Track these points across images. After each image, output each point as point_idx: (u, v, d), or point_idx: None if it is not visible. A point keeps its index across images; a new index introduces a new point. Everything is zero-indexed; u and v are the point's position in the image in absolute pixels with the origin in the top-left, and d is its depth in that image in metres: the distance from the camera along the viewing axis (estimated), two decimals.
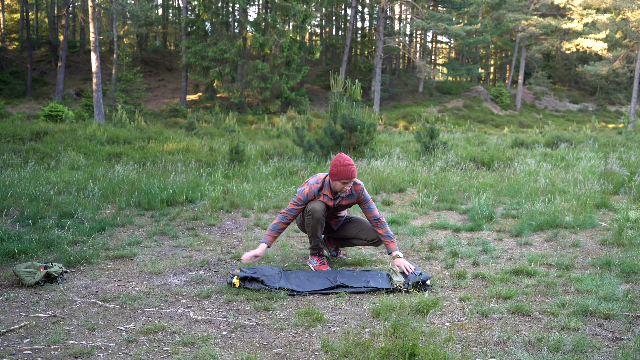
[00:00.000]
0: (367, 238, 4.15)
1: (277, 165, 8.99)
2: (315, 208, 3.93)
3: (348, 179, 3.82)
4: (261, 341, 2.81)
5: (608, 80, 42.47)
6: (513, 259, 4.33)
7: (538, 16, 36.37)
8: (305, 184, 4.04)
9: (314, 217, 3.94)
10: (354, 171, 3.82)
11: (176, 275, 3.87)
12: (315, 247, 4.06)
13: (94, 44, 19.41)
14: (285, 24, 29.32)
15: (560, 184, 7.38)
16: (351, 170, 3.80)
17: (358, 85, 10.15)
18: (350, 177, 3.81)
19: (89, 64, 32.65)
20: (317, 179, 4.01)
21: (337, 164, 3.84)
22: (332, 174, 3.87)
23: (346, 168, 3.80)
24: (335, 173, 3.84)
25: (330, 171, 3.89)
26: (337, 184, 3.88)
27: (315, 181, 4.01)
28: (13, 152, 9.57)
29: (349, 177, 3.82)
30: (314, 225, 3.97)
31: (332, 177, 3.88)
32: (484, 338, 2.85)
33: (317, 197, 3.98)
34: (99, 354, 2.62)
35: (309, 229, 4.03)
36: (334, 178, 3.86)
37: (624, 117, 20.31)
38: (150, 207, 6.04)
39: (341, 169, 3.81)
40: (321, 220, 3.96)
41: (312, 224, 3.97)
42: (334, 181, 3.89)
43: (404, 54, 42.35)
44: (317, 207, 3.93)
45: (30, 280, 3.51)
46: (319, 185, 3.97)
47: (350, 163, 3.82)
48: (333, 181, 3.90)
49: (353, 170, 3.81)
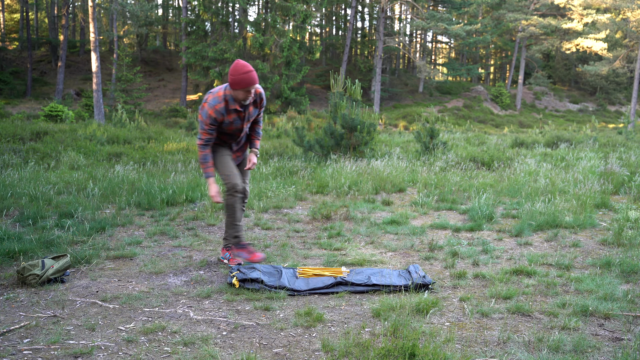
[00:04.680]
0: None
1: (277, 165, 8.99)
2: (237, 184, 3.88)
3: (251, 86, 3.68)
4: (261, 341, 2.81)
5: (608, 80, 42.46)
6: (513, 259, 4.33)
7: (538, 16, 36.36)
8: (205, 104, 3.78)
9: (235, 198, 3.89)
10: (255, 77, 3.67)
11: (176, 275, 3.87)
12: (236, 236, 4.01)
13: (94, 44, 19.42)
14: (285, 24, 29.31)
15: (560, 184, 7.38)
16: (252, 77, 3.65)
17: (358, 85, 10.15)
18: (252, 83, 3.67)
19: (89, 64, 32.63)
20: (217, 97, 3.77)
21: (236, 72, 3.66)
22: (233, 84, 3.68)
23: (247, 75, 3.65)
24: (237, 82, 3.66)
25: (230, 81, 3.69)
26: (239, 93, 3.71)
27: (216, 100, 3.76)
28: (13, 152, 9.57)
29: (251, 84, 3.67)
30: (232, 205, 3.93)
31: (233, 87, 3.70)
32: (484, 338, 2.85)
33: (227, 115, 3.80)
34: (99, 354, 2.62)
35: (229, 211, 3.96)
36: (236, 87, 3.69)
37: (624, 117, 20.30)
38: (150, 207, 6.04)
39: (242, 77, 3.64)
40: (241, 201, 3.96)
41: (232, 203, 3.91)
42: (236, 91, 3.71)
43: (404, 54, 42.35)
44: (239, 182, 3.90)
45: (39, 272, 3.51)
46: (223, 104, 3.77)
47: (250, 69, 3.67)
48: (235, 91, 3.72)
49: (254, 76, 3.66)
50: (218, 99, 3.76)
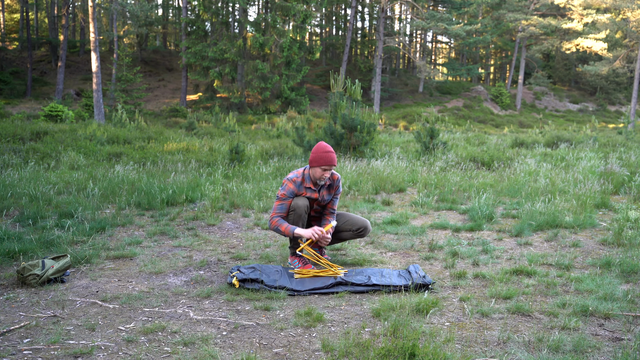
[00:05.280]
0: (353, 228, 4.16)
1: (277, 165, 8.99)
2: (298, 204, 3.93)
3: (328, 165, 3.89)
4: (261, 341, 2.81)
5: (608, 80, 42.46)
6: (513, 259, 4.33)
7: (538, 16, 36.36)
8: (286, 180, 4.02)
9: (296, 213, 3.93)
10: (335, 158, 3.91)
11: (176, 275, 3.87)
12: (296, 246, 4.04)
13: (94, 44, 19.42)
14: (285, 24, 29.32)
15: (560, 184, 7.38)
16: (332, 157, 3.89)
17: (358, 85, 10.15)
18: (330, 163, 3.88)
19: (89, 64, 32.64)
20: (297, 174, 4.02)
21: (318, 151, 3.91)
22: (312, 161, 3.91)
23: (327, 155, 3.88)
24: (316, 160, 3.90)
25: (310, 158, 3.93)
26: (317, 170, 3.92)
27: (295, 175, 4.00)
28: (13, 152, 9.57)
29: (329, 164, 3.89)
30: (295, 223, 3.97)
31: (312, 165, 3.92)
32: (484, 338, 2.85)
33: (300, 192, 3.98)
34: (99, 354, 2.62)
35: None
36: (314, 165, 3.90)
37: (624, 117, 20.31)
38: (150, 207, 6.04)
39: (322, 156, 3.88)
40: (303, 217, 3.96)
41: (294, 220, 3.96)
42: (314, 168, 3.92)
43: (404, 54, 42.35)
44: (300, 203, 3.93)
45: (39, 272, 3.51)
46: (300, 179, 3.99)
47: (331, 150, 3.91)
48: (313, 168, 3.93)
49: (333, 157, 3.90)
50: (297, 174, 4.02)
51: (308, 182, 3.99)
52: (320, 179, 3.94)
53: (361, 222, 4.17)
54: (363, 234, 4.20)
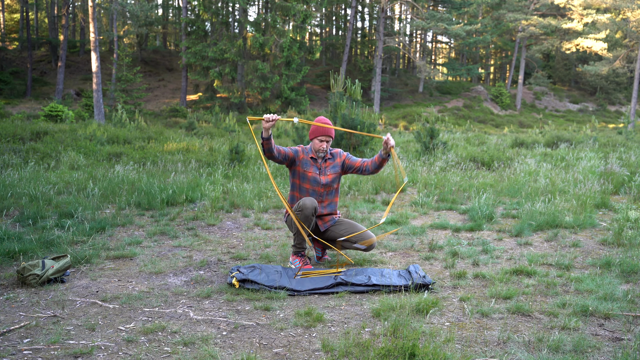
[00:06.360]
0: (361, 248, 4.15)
1: (277, 165, 8.99)
2: (306, 205, 3.96)
3: (325, 135, 4.13)
4: (261, 341, 2.81)
5: (608, 80, 42.44)
6: (513, 259, 4.33)
7: (538, 16, 36.36)
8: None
9: (304, 213, 3.95)
10: (332, 130, 4.15)
11: (176, 275, 3.87)
12: (299, 244, 4.07)
13: (94, 44, 19.41)
14: (285, 24, 29.30)
15: (560, 184, 7.38)
16: (328, 128, 4.13)
17: (358, 85, 10.15)
18: (326, 133, 4.13)
19: (89, 64, 32.64)
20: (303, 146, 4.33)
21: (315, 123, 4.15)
22: (311, 133, 4.18)
23: (323, 126, 4.12)
24: (314, 132, 4.16)
25: (310, 131, 4.20)
26: (315, 142, 4.17)
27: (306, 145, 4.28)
28: (13, 152, 9.57)
29: (326, 134, 4.13)
30: (303, 222, 3.98)
31: (311, 137, 4.19)
32: (484, 338, 2.85)
33: (306, 158, 4.18)
34: (99, 354, 2.62)
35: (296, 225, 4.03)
36: (312, 137, 4.17)
37: (624, 117, 20.31)
38: (150, 207, 6.04)
39: (319, 127, 4.14)
40: (310, 217, 3.97)
41: (302, 219, 3.98)
42: (313, 140, 4.18)
43: (404, 54, 42.35)
44: (308, 203, 3.96)
45: (39, 272, 3.51)
46: (308, 146, 4.26)
47: (328, 122, 4.16)
48: (312, 141, 4.20)
49: (330, 129, 4.14)
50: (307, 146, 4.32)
51: (311, 153, 4.22)
52: (320, 150, 4.16)
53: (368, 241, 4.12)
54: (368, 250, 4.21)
